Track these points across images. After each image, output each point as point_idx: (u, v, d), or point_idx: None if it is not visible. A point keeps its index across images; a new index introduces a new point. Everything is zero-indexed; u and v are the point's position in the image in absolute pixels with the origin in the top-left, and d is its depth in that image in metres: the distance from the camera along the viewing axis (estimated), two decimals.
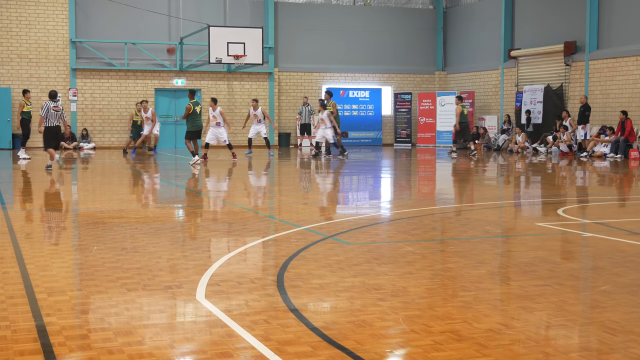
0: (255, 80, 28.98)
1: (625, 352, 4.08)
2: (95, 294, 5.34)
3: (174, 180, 15.77)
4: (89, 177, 16.46)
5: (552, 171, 18.23)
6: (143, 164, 20.06)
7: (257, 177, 16.80)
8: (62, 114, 16.98)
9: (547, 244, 7.62)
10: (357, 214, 10.31)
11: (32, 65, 26.61)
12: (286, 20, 29.59)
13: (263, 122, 22.99)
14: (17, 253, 6.83)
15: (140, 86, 27.80)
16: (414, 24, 31.34)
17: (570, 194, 13.44)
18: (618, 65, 23.13)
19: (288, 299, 5.19)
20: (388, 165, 20.15)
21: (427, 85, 31.78)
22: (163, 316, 4.80)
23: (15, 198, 11.97)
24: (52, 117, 16.80)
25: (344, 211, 10.68)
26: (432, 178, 17.18)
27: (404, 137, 30.74)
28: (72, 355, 3.99)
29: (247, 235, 8.08)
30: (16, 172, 17.30)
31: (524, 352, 4.07)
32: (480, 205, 11.08)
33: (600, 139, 22.54)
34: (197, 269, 6.14)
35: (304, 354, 4.01)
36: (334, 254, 6.82)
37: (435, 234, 8.50)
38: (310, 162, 20.80)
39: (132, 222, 8.87)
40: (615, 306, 5.03)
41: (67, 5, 26.73)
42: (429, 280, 5.85)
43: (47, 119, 16.79)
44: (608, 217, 9.80)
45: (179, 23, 27.84)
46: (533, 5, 26.88)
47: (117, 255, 6.77)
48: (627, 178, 16.16)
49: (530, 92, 26.10)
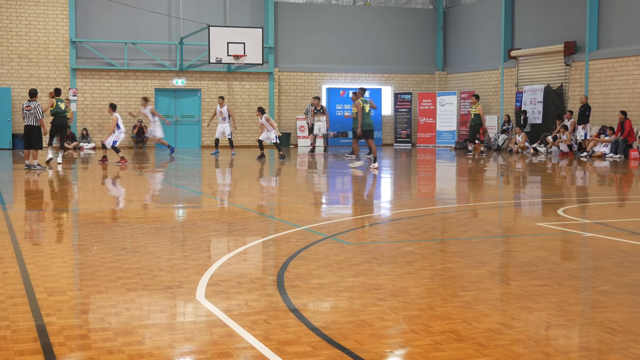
0: (255, 80, 28.98)
1: (625, 352, 4.08)
2: (95, 294, 5.34)
3: (174, 180, 15.76)
4: (89, 177, 16.45)
5: (552, 171, 18.23)
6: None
7: (257, 177, 16.80)
8: (34, 112, 16.72)
9: (547, 244, 7.62)
10: (357, 213, 10.31)
11: (32, 65, 26.61)
12: (286, 20, 29.59)
13: (228, 120, 23.02)
14: (17, 253, 6.83)
15: (140, 86, 27.79)
16: (414, 24, 31.34)
17: (570, 194, 13.44)
18: (618, 65, 23.13)
19: (288, 299, 5.19)
20: (388, 166, 20.15)
21: (427, 85, 31.78)
22: (163, 316, 4.79)
23: (15, 198, 11.97)
24: (25, 117, 16.80)
25: (344, 211, 10.68)
26: (432, 178, 17.18)
27: (404, 137, 30.74)
28: (72, 355, 3.99)
29: (247, 235, 8.07)
30: (16, 172, 17.29)
31: (524, 352, 4.07)
32: (480, 205, 11.08)
33: (600, 139, 22.54)
34: (197, 269, 6.14)
35: (304, 354, 4.01)
36: (334, 254, 6.82)
37: (435, 234, 8.50)
38: (312, 162, 20.79)
39: (132, 222, 8.87)
40: (615, 306, 5.03)
41: (67, 5, 26.73)
42: (429, 280, 5.85)
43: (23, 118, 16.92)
44: (608, 217, 9.80)
45: (179, 23, 27.84)
46: (533, 5, 26.88)
47: (117, 255, 6.77)
48: (627, 178, 16.16)
49: (530, 92, 26.10)
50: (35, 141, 16.87)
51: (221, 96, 23.76)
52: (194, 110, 28.65)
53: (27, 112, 16.73)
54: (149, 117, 22.51)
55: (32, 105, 16.75)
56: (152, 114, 22.39)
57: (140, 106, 23.34)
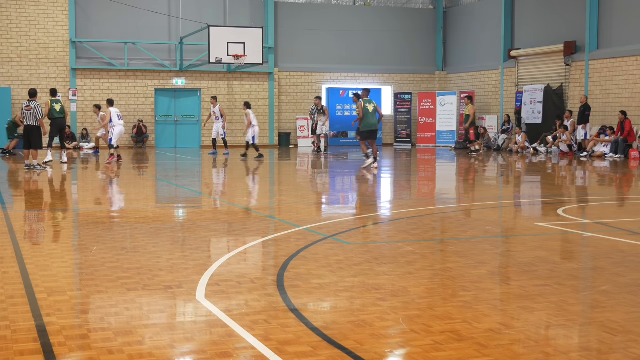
0: (255, 80, 28.98)
1: (625, 352, 4.08)
2: (95, 294, 5.34)
3: (174, 180, 15.76)
4: (89, 177, 16.45)
5: (552, 171, 18.23)
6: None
7: (257, 177, 16.80)
8: (34, 112, 16.73)
9: (547, 244, 7.61)
10: (357, 213, 10.31)
11: (32, 65, 26.61)
12: (286, 20, 29.59)
13: (221, 119, 23.10)
14: (17, 253, 6.83)
15: (140, 86, 27.80)
16: (414, 24, 31.34)
17: (571, 194, 13.44)
18: (618, 65, 23.13)
19: (288, 299, 5.19)
20: (388, 166, 20.15)
21: (427, 85, 31.78)
22: (163, 316, 4.79)
23: (15, 198, 11.97)
24: (25, 117, 16.82)
25: (344, 211, 10.68)
26: (432, 178, 17.18)
27: (404, 137, 30.74)
28: (72, 355, 3.99)
29: (247, 235, 8.07)
30: (15, 172, 17.29)
31: (524, 352, 4.07)
32: (480, 205, 11.08)
33: (600, 139, 22.54)
34: (197, 269, 6.14)
35: (304, 354, 4.01)
36: (334, 254, 6.82)
37: (435, 234, 8.50)
38: (311, 162, 20.79)
39: (132, 222, 8.87)
40: (615, 306, 5.03)
41: (67, 5, 26.73)
42: (429, 280, 5.85)
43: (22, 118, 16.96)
44: (608, 217, 9.80)
45: (179, 23, 27.84)
46: (533, 5, 26.88)
47: (117, 255, 6.77)
48: (627, 178, 16.16)
49: (530, 92, 26.09)
50: (35, 141, 16.87)
51: (214, 96, 23.90)
52: (194, 110, 28.65)
53: (27, 112, 16.74)
54: (217, 115, 22.86)
55: (32, 105, 16.76)
56: (220, 113, 22.90)
57: (211, 105, 23.63)
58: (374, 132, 17.23)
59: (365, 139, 17.23)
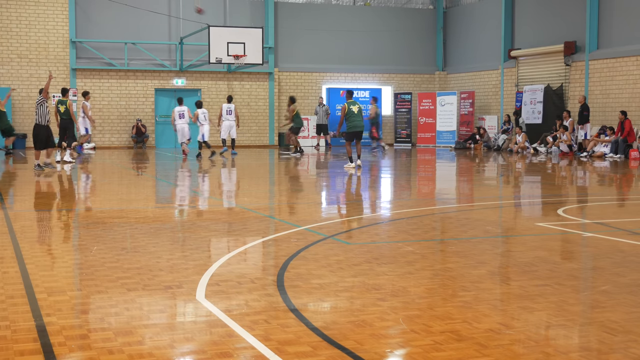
0: (255, 80, 28.98)
1: (625, 352, 4.08)
2: (95, 294, 5.34)
3: (174, 180, 15.76)
4: (89, 176, 16.44)
5: (552, 171, 18.23)
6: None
7: (257, 177, 16.80)
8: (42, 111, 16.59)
9: (547, 244, 7.61)
10: (357, 213, 10.31)
11: (32, 65, 26.61)
12: (286, 20, 29.59)
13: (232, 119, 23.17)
14: (17, 253, 6.83)
15: (140, 86, 27.79)
16: (414, 24, 31.33)
17: (571, 194, 13.44)
18: (618, 65, 23.13)
19: (288, 299, 5.19)
20: (388, 165, 20.15)
21: (427, 85, 31.78)
22: (163, 316, 4.79)
23: (15, 198, 11.97)
24: (36, 114, 16.74)
25: (344, 211, 10.68)
26: (432, 178, 17.18)
27: (404, 137, 30.73)
28: (72, 355, 3.99)
29: (247, 235, 8.07)
30: (16, 172, 17.29)
31: (524, 352, 4.07)
32: (480, 205, 11.08)
33: (600, 139, 22.54)
34: (197, 269, 6.14)
35: (304, 354, 4.01)
36: (334, 254, 6.82)
37: (435, 234, 8.50)
38: (312, 162, 20.79)
39: (132, 222, 8.87)
40: (615, 306, 5.03)
41: (67, 5, 26.73)
42: (429, 280, 5.85)
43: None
44: (608, 217, 9.80)
45: (179, 23, 27.83)
46: (533, 5, 26.87)
47: (117, 255, 6.77)
48: (627, 178, 16.16)
49: (530, 92, 26.09)
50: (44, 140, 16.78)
51: (229, 96, 23.64)
52: (194, 110, 28.55)
53: (37, 109, 16.68)
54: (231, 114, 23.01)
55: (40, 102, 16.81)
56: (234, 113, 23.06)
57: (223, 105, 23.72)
58: (360, 132, 17.36)
59: (351, 139, 17.35)
